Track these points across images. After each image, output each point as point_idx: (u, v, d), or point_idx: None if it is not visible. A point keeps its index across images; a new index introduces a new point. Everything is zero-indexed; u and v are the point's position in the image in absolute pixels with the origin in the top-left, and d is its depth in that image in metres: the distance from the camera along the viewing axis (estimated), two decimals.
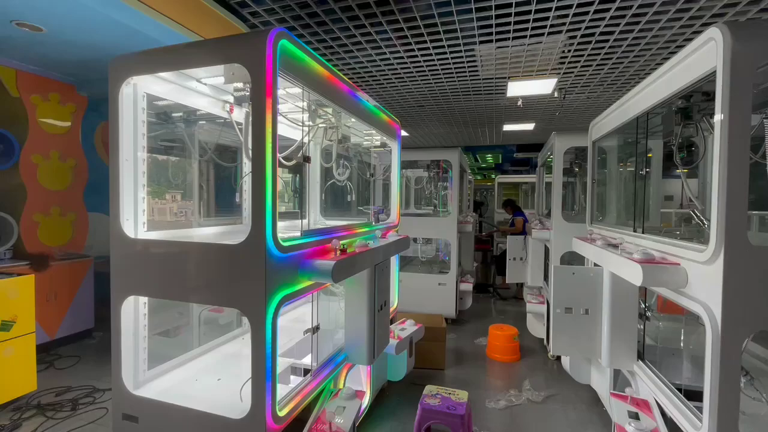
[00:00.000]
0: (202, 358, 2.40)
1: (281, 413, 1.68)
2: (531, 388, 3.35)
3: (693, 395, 1.82)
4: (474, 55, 4.12)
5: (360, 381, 2.72)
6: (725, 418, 1.49)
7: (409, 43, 3.79)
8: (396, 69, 4.53)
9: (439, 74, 4.70)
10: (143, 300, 1.95)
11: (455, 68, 4.49)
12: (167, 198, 3.35)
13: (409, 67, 4.48)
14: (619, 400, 2.12)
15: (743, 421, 1.73)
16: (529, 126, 7.68)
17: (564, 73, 4.65)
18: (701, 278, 1.64)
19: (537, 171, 5.89)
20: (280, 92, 2.12)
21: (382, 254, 2.46)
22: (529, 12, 3.16)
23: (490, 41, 3.75)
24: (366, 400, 2.71)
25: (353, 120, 2.65)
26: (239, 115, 2.39)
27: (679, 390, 1.99)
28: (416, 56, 4.13)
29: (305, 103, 2.23)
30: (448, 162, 5.16)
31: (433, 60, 4.24)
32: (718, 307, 1.51)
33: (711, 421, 1.51)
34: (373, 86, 5.21)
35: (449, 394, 2.47)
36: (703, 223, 2.06)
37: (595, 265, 2.69)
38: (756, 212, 2.42)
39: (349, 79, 4.87)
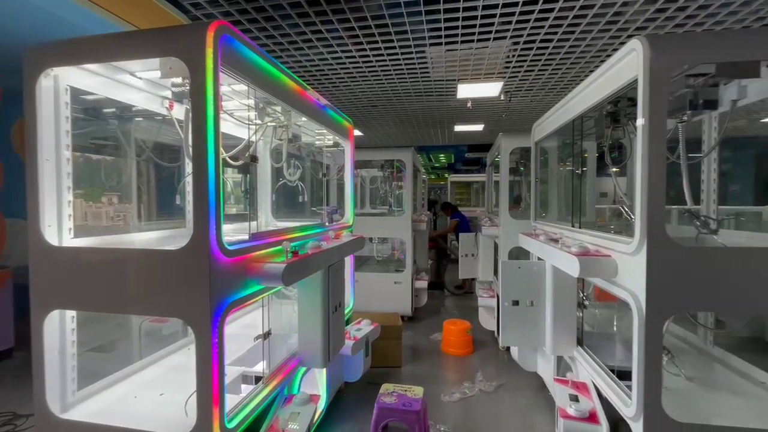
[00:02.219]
0: (143, 373, 2.24)
1: (230, 425, 1.61)
2: (483, 379, 3.49)
3: (624, 375, 1.99)
4: (425, 57, 4.20)
5: (315, 385, 2.68)
6: (650, 393, 1.64)
7: (361, 43, 3.79)
8: (348, 68, 4.51)
9: (392, 75, 4.75)
10: (71, 314, 1.78)
11: (407, 69, 4.55)
12: (103, 201, 3.08)
13: (362, 67, 4.48)
14: (561, 384, 2.27)
15: (665, 395, 1.91)
16: (479, 127, 7.99)
17: (509, 77, 4.89)
18: (628, 268, 1.80)
19: (486, 170, 6.13)
20: (225, 89, 2.02)
21: (336, 255, 2.44)
22: (475, 17, 3.28)
23: (440, 44, 3.84)
24: (322, 404, 2.67)
25: (304, 119, 2.60)
26: (180, 112, 2.25)
27: (612, 371, 2.17)
28: (368, 56, 4.14)
29: (251, 101, 2.15)
30: (401, 161, 5.22)
31: (385, 60, 4.27)
32: (642, 294, 1.65)
33: (638, 398, 1.66)
34: (325, 85, 5.15)
35: (405, 391, 2.50)
36: (631, 218, 2.26)
37: (539, 259, 2.85)
38: (674, 207, 2.69)
39: (300, 77, 4.77)
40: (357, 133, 8.42)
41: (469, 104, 6.02)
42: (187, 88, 1.76)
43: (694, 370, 2.30)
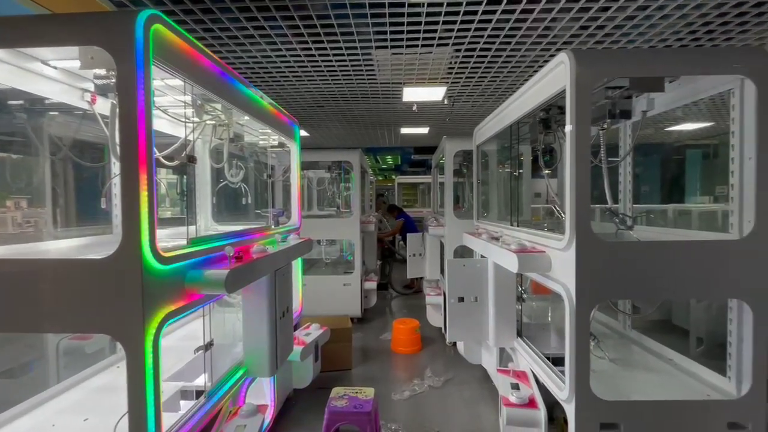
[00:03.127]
0: (62, 397, 2.00)
1: None
2: (432, 375, 3.59)
3: (558, 362, 2.16)
4: (371, 60, 4.23)
5: (263, 394, 2.57)
6: (580, 376, 1.79)
7: (306, 42, 3.72)
8: (293, 67, 4.40)
9: (338, 75, 4.72)
10: None
11: (353, 71, 4.55)
12: (8, 205, 2.71)
13: (307, 66, 4.40)
14: (503, 374, 2.40)
15: (593, 377, 2.10)
16: (424, 130, 8.21)
17: (452, 82, 5.08)
18: (560, 263, 1.95)
19: (432, 172, 6.33)
20: (158, 83, 1.88)
21: (283, 259, 2.37)
22: (419, 23, 3.36)
23: (386, 47, 3.89)
24: (270, 414, 2.58)
25: (247, 118, 2.49)
26: (105, 106, 2.05)
27: (548, 359, 2.34)
28: (314, 56, 4.07)
29: (187, 98, 2.02)
30: (349, 163, 5.21)
31: (331, 61, 4.23)
32: (572, 285, 1.80)
33: (570, 381, 1.81)
34: (269, 83, 4.98)
35: (356, 393, 2.49)
36: (562, 216, 2.46)
37: (482, 256, 2.99)
38: (597, 206, 2.97)
39: (242, 74, 4.57)
40: (303, 133, 8.26)
41: (414, 107, 6.17)
42: (113, 81, 1.61)
43: (616, 352, 2.56)
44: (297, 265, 3.35)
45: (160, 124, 2.41)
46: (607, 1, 3.00)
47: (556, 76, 1.98)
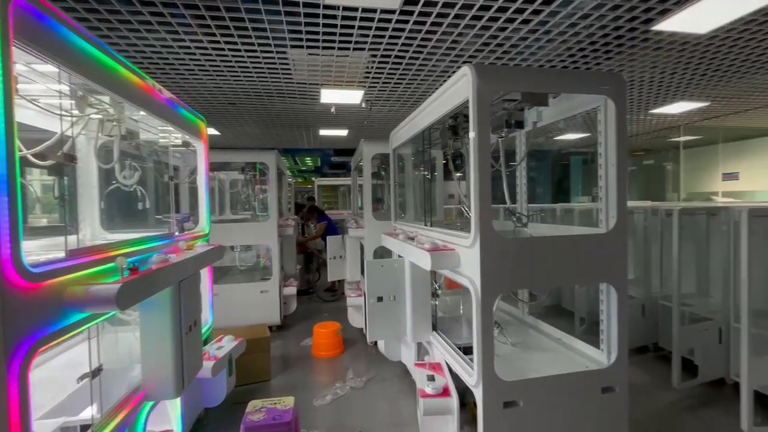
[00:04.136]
0: None
1: None
2: (354, 376, 3.61)
3: (469, 350, 2.33)
4: (287, 59, 4.11)
5: (167, 418, 2.33)
6: (486, 362, 1.96)
7: (213, 34, 3.47)
8: (200, 60, 4.08)
9: (251, 72, 4.50)
10: None
11: (268, 69, 4.38)
12: None
13: (216, 61, 4.11)
14: (420, 368, 2.52)
15: (497, 361, 2.32)
16: (343, 132, 8.23)
17: (369, 87, 5.18)
18: (468, 259, 2.11)
19: (351, 174, 6.37)
20: (21, 68, 1.59)
21: (189, 268, 2.17)
22: (335, 26, 3.37)
23: (302, 47, 3.82)
24: None
25: (143, 113, 2.24)
26: None
27: (460, 348, 2.52)
28: (223, 50, 3.82)
29: (63, 87, 1.75)
30: (264, 164, 4.99)
31: (243, 57, 4.01)
32: (478, 279, 1.97)
33: (477, 368, 1.97)
34: (171, 76, 4.54)
35: (275, 404, 2.40)
36: (469, 216, 2.66)
37: (400, 256, 3.10)
38: (499, 206, 3.28)
39: (138, 64, 4.09)
40: (212, 132, 7.69)
41: (332, 109, 6.15)
42: None
43: (517, 336, 2.85)
44: (207, 274, 3.10)
45: (29, 116, 2.05)
46: (504, 21, 3.34)
47: (460, 87, 2.14)
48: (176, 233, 2.62)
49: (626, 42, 3.80)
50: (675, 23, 3.33)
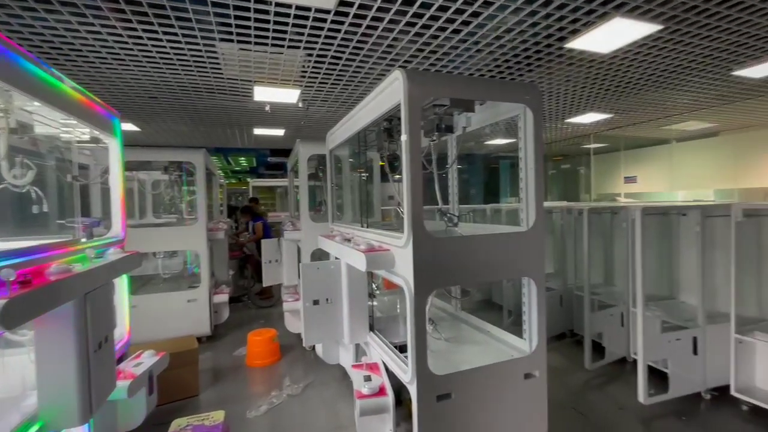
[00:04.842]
0: None
1: None
2: (291, 383, 3.51)
3: (405, 348, 2.38)
4: (216, 53, 3.88)
5: None
6: (420, 358, 2.02)
7: (129, 20, 3.17)
8: (113, 48, 3.69)
9: (175, 65, 4.17)
10: None
11: (194, 62, 4.10)
12: None
13: (133, 51, 3.75)
14: (357, 369, 2.52)
15: (431, 357, 2.39)
16: (280, 132, 7.97)
17: (306, 86, 5.08)
18: (402, 259, 2.16)
19: (288, 175, 6.19)
20: None
21: (97, 278, 1.95)
22: (268, 21, 3.25)
23: (232, 41, 3.63)
24: None
25: (37, 104, 1.96)
26: None
27: (397, 347, 2.56)
28: (141, 38, 3.50)
29: None
30: (192, 164, 4.66)
31: (166, 48, 3.71)
32: (411, 278, 2.02)
33: (412, 364, 2.02)
34: (78, 63, 4.06)
35: (202, 420, 2.24)
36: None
37: (337, 258, 3.07)
38: (433, 207, 3.40)
39: (36, 48, 3.60)
40: (130, 127, 7.01)
41: (267, 108, 5.93)
42: None
43: (450, 332, 2.97)
44: (122, 284, 2.81)
45: None
46: (436, 30, 3.48)
47: (392, 90, 2.18)
48: (83, 240, 2.33)
49: (544, 57, 4.16)
50: (584, 42, 3.73)
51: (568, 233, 4.60)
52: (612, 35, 3.55)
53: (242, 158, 12.51)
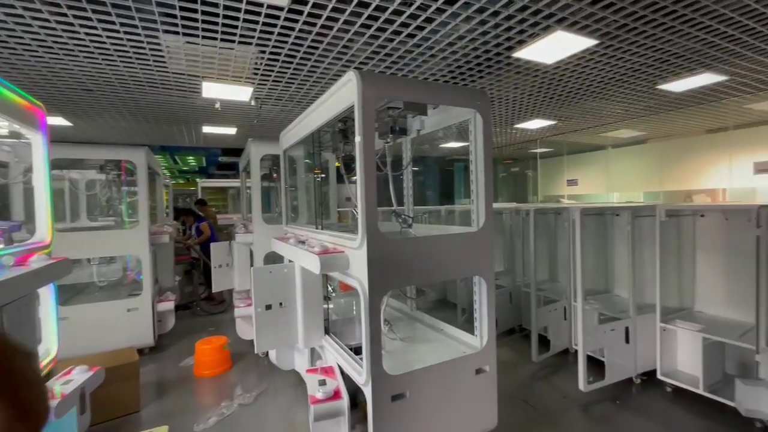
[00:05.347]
0: None
1: None
2: (243, 392, 3.37)
3: (360, 350, 2.37)
4: (159, 45, 3.65)
5: None
6: (374, 359, 2.02)
7: (58, 4, 2.89)
8: (39, 35, 3.35)
9: (113, 57, 3.87)
10: None
11: (135, 54, 3.83)
12: None
13: (63, 38, 3.43)
14: (312, 374, 2.47)
15: (386, 357, 2.41)
16: (231, 130, 7.66)
17: (258, 84, 4.92)
18: (356, 260, 2.15)
19: (240, 176, 5.96)
20: None
21: (15, 289, 1.75)
22: (217, 14, 3.11)
23: (177, 33, 3.43)
24: None
25: None
26: None
27: (352, 349, 2.55)
28: (74, 27, 3.21)
29: None
30: (132, 162, 4.34)
31: (102, 38, 3.43)
32: (365, 279, 2.02)
33: (367, 365, 2.02)
34: None
35: None
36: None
37: (290, 261, 3.00)
38: (389, 208, 3.43)
39: None
40: (60, 122, 6.41)
41: (217, 105, 5.67)
42: None
43: (405, 331, 3.01)
44: (48, 294, 2.55)
45: None
46: (391, 33, 3.52)
47: (346, 91, 2.17)
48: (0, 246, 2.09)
49: (494, 64, 4.35)
50: (529, 53, 3.95)
51: (517, 233, 4.84)
52: (554, 47, 3.79)
53: (191, 157, 11.87)
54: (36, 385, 0.66)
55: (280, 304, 2.81)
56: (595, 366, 3.37)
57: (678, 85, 5.21)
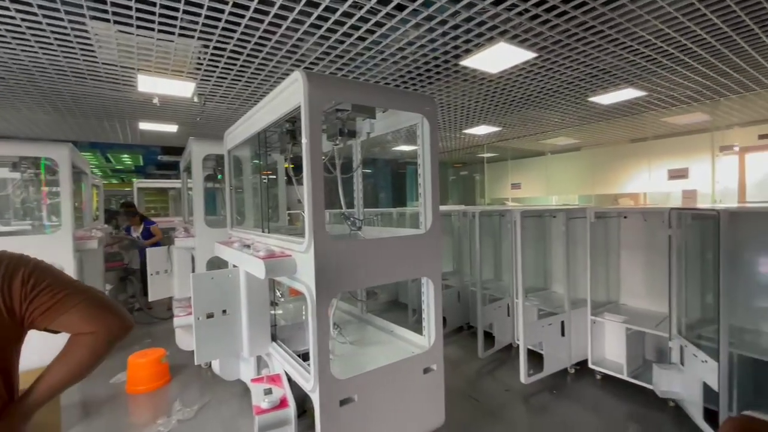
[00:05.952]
0: None
1: None
2: (182, 407, 3.15)
3: (308, 356, 2.32)
4: (87, 32, 3.34)
5: None
6: (322, 365, 1.98)
7: None
8: None
9: (30, 42, 3.48)
10: None
11: (57, 40, 3.47)
12: None
13: None
14: (257, 383, 2.38)
15: (336, 361, 2.38)
16: (172, 128, 7.21)
17: (202, 80, 4.67)
18: (303, 264, 2.11)
19: (181, 176, 5.61)
20: None
21: None
22: (153, 3, 2.91)
23: (107, 20, 3.16)
24: None
25: None
26: None
27: (300, 355, 2.49)
28: None
29: None
30: (53, 160, 3.92)
31: (16, 21, 3.08)
32: (313, 283, 1.98)
33: (314, 370, 1.98)
34: None
35: None
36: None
37: (235, 266, 2.87)
38: (337, 210, 3.40)
39: None
40: None
41: (155, 100, 5.30)
42: None
43: (355, 334, 3.00)
44: None
45: None
46: (341, 35, 3.50)
47: (293, 91, 2.13)
48: None
49: (443, 71, 4.49)
50: (475, 62, 4.12)
51: (465, 234, 5.01)
52: (498, 57, 3.99)
53: (125, 156, 10.98)
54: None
55: (224, 311, 2.66)
56: (535, 359, 3.57)
57: (605, 98, 5.72)
